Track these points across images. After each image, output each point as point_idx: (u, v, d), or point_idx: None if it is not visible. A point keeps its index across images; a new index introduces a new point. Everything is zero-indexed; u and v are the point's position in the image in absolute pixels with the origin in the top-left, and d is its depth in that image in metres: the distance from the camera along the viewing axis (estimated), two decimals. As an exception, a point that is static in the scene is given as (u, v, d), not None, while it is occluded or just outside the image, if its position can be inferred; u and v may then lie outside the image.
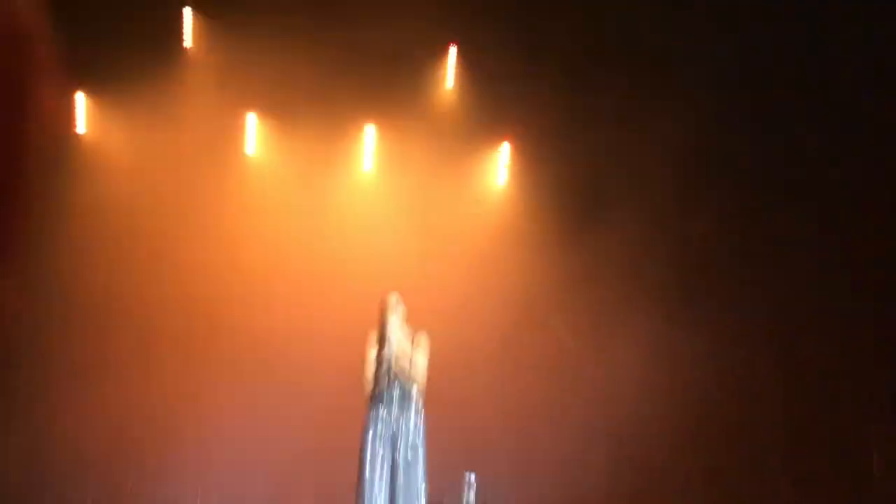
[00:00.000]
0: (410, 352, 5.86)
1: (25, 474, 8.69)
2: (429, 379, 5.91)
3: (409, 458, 5.73)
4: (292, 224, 9.52)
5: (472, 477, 5.06)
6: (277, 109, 9.63)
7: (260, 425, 8.76)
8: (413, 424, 5.80)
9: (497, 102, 9.59)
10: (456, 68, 9.80)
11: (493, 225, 9.82)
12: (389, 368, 5.79)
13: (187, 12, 9.64)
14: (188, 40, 9.65)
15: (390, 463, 5.72)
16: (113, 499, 8.80)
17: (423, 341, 5.94)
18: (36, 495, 8.64)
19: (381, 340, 5.90)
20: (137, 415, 8.64)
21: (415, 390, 5.81)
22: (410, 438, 5.76)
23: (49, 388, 8.84)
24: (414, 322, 6.11)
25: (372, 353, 5.93)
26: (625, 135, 9.27)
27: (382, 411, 5.77)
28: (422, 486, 5.69)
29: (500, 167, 10.05)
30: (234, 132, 9.79)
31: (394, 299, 5.98)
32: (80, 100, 9.62)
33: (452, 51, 9.76)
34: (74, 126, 9.61)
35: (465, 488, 5.00)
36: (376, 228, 9.60)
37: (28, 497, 8.61)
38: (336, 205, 9.75)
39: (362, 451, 5.73)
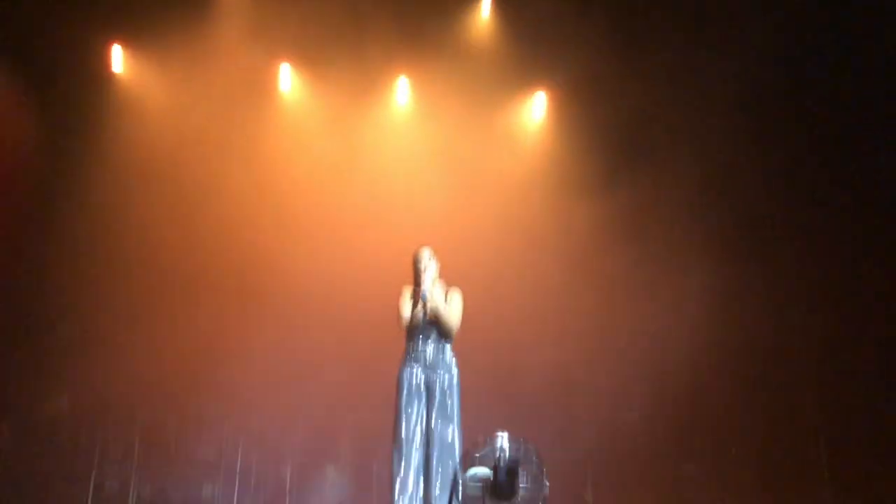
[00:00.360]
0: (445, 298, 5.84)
1: (76, 422, 8.93)
2: (463, 327, 5.87)
3: (446, 403, 5.69)
4: (327, 166, 9.50)
5: (505, 436, 5.02)
6: (312, 53, 9.55)
7: (297, 368, 8.84)
8: (448, 367, 5.78)
9: (536, 48, 9.43)
10: (494, 11, 9.60)
11: (531, 168, 9.73)
12: (425, 307, 5.77)
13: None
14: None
15: (425, 408, 5.72)
16: (158, 442, 9.00)
17: (457, 295, 5.89)
18: (86, 438, 8.87)
19: (416, 281, 5.87)
20: (179, 358, 8.75)
21: (451, 330, 5.78)
22: (446, 383, 5.73)
23: (94, 336, 9.00)
24: (447, 265, 6.07)
25: (407, 291, 5.91)
26: (674, 91, 9.11)
27: (419, 352, 5.76)
28: (456, 433, 5.64)
29: (536, 111, 9.93)
30: (268, 76, 9.78)
31: (426, 254, 5.92)
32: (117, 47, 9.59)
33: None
34: (111, 67, 9.57)
35: (499, 442, 4.96)
36: (410, 171, 9.56)
37: (79, 441, 8.85)
38: (370, 147, 9.74)
39: (398, 396, 5.72)
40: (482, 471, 4.96)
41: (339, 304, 8.83)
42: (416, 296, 5.80)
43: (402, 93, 9.89)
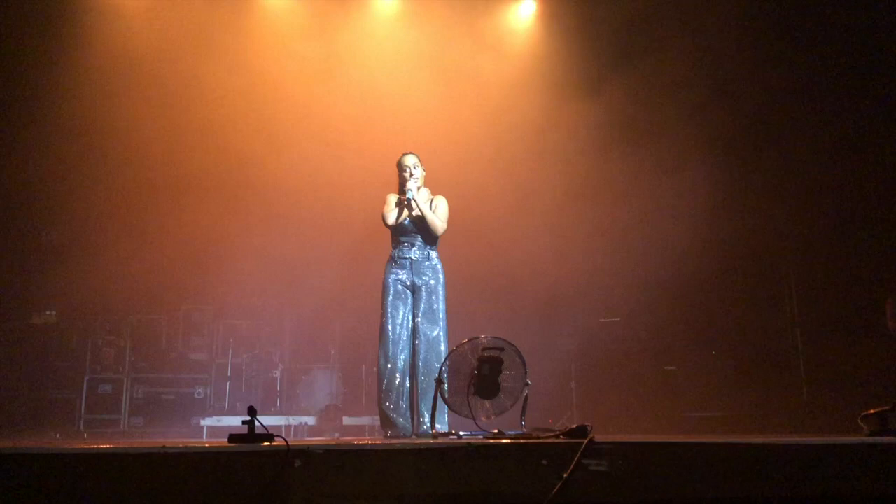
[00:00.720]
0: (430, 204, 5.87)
1: (66, 327, 9.02)
2: (451, 232, 5.91)
3: (432, 306, 5.78)
4: (312, 68, 9.30)
5: (489, 336, 5.11)
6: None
7: (284, 272, 8.93)
8: (435, 271, 5.84)
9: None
10: None
11: (520, 70, 9.61)
12: (410, 212, 5.80)
13: None
14: None
15: (411, 310, 5.80)
16: (149, 345, 9.14)
17: (442, 201, 5.91)
18: (78, 342, 8.99)
19: (401, 188, 5.88)
20: (168, 262, 8.80)
21: (436, 234, 5.82)
22: (432, 286, 5.80)
23: (83, 241, 9.05)
24: (434, 170, 6.07)
25: (392, 197, 5.93)
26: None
27: (405, 257, 5.80)
28: (442, 335, 5.75)
29: (525, 10, 9.76)
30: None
31: (412, 160, 5.90)
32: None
33: None
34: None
35: (482, 341, 5.07)
36: (396, 73, 9.39)
37: (70, 346, 8.96)
38: (355, 49, 9.52)
39: (384, 299, 5.79)
40: (467, 362, 5.09)
41: (325, 208, 8.84)
42: (402, 201, 5.82)
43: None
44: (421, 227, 5.81)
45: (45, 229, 9.38)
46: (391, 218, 5.83)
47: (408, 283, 5.81)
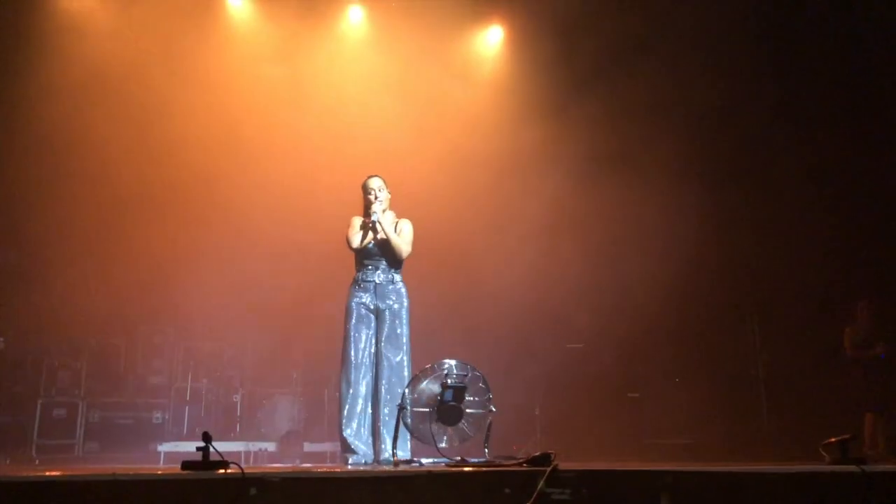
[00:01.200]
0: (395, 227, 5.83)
1: (21, 349, 8.78)
2: (417, 255, 5.87)
3: (395, 330, 5.71)
4: (278, 89, 9.29)
5: (453, 362, 5.08)
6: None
7: (247, 295, 8.79)
8: (399, 295, 5.78)
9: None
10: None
11: (487, 96, 9.67)
12: (375, 235, 5.75)
13: None
14: None
15: (374, 335, 5.72)
16: (107, 368, 8.94)
17: (407, 224, 5.87)
18: (32, 365, 8.75)
19: (366, 210, 5.83)
20: (127, 283, 8.65)
21: (400, 257, 5.77)
22: (396, 310, 5.74)
23: (38, 260, 8.84)
24: (398, 193, 6.03)
25: (357, 220, 5.87)
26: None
27: (368, 280, 5.74)
28: (405, 360, 5.68)
29: (492, 38, 9.84)
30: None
31: (377, 183, 5.86)
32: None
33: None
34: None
35: (446, 367, 5.03)
36: (363, 97, 9.38)
37: (25, 368, 8.73)
38: (322, 72, 9.50)
39: (347, 323, 5.71)
40: (431, 389, 5.03)
41: (289, 229, 8.74)
42: (366, 224, 5.77)
43: (356, 18, 9.66)
44: (385, 250, 5.76)
45: (-1, 249, 9.16)
46: (356, 241, 5.77)
47: (371, 307, 5.75)
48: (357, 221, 5.85)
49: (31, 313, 8.49)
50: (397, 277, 5.83)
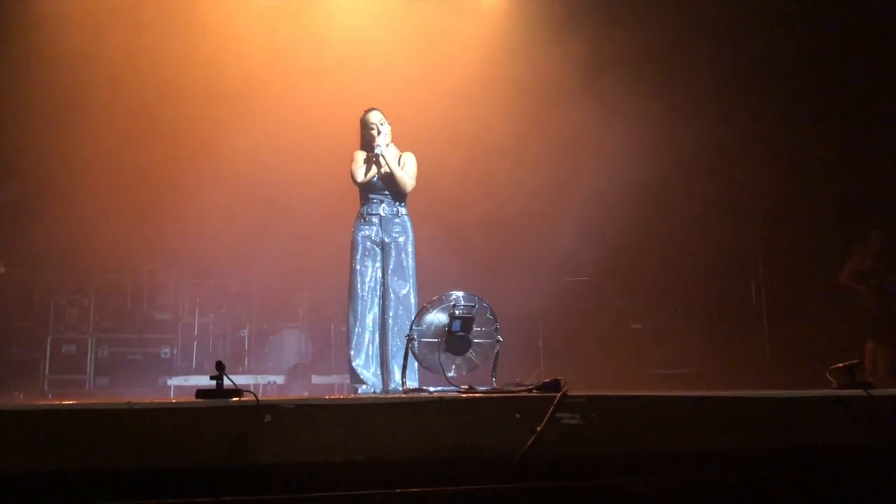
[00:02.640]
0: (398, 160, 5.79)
1: (28, 285, 8.80)
2: (419, 189, 5.84)
3: (402, 262, 5.73)
4: (274, 25, 9.07)
5: (460, 293, 5.08)
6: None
7: (252, 231, 8.76)
8: (404, 227, 5.78)
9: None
10: None
11: (483, 27, 9.48)
12: (379, 168, 5.71)
13: None
14: None
15: (380, 267, 5.74)
16: (114, 305, 8.97)
17: (410, 157, 5.83)
18: (40, 302, 8.80)
19: (363, 145, 5.79)
20: (133, 219, 8.61)
21: (405, 189, 5.75)
22: (402, 243, 5.75)
23: (48, 194, 8.74)
24: (399, 129, 5.95)
25: (360, 154, 5.83)
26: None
27: (373, 213, 5.73)
28: (412, 291, 5.71)
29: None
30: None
31: (378, 117, 5.79)
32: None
33: None
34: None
35: (453, 298, 5.04)
36: (363, 40, 9.17)
37: (32, 306, 8.77)
38: (318, 8, 9.25)
39: (353, 256, 5.72)
40: (438, 319, 5.06)
41: (293, 165, 8.62)
42: (371, 158, 5.72)
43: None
44: (390, 183, 5.74)
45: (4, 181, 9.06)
46: (360, 175, 5.74)
47: (377, 240, 5.75)
48: (360, 156, 5.81)
49: (33, 245, 8.45)
50: (402, 210, 5.82)
